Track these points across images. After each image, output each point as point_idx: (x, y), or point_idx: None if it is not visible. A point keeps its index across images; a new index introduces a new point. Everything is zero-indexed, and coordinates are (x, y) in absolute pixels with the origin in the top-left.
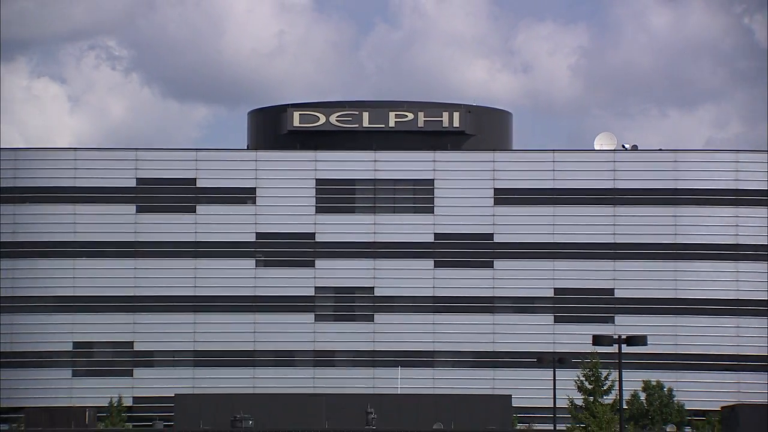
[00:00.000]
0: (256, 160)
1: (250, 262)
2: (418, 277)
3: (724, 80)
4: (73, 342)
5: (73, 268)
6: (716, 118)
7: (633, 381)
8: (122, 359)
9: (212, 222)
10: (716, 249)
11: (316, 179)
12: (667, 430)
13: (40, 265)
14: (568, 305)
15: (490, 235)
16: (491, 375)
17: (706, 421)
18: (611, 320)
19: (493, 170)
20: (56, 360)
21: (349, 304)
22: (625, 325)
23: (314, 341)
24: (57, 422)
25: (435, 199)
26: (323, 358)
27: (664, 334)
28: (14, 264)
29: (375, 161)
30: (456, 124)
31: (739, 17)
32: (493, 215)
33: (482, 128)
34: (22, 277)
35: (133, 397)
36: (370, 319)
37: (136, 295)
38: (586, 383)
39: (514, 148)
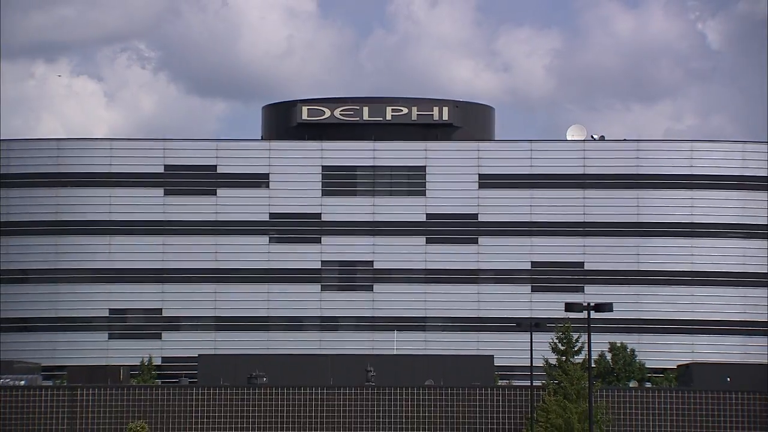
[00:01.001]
0: (269, 149)
1: (264, 239)
2: (412, 252)
3: (680, 78)
4: (109, 309)
5: (109, 244)
6: (673, 112)
7: (600, 343)
8: (152, 324)
9: (230, 204)
10: (674, 227)
11: (322, 166)
12: (630, 385)
13: (80, 241)
14: (544, 276)
15: (475, 215)
16: (476, 338)
17: (664, 378)
18: (581, 290)
19: (478, 158)
20: (94, 324)
21: (351, 276)
22: (593, 293)
23: (320, 308)
24: (95, 379)
25: (426, 183)
26: (328, 324)
27: (628, 302)
28: (57, 240)
29: (374, 150)
30: (445, 117)
31: (693, 23)
32: (478, 197)
33: (468, 121)
34: (64, 252)
35: (162, 357)
36: (370, 289)
37: (164, 267)
38: (560, 345)
39: (496, 139)
